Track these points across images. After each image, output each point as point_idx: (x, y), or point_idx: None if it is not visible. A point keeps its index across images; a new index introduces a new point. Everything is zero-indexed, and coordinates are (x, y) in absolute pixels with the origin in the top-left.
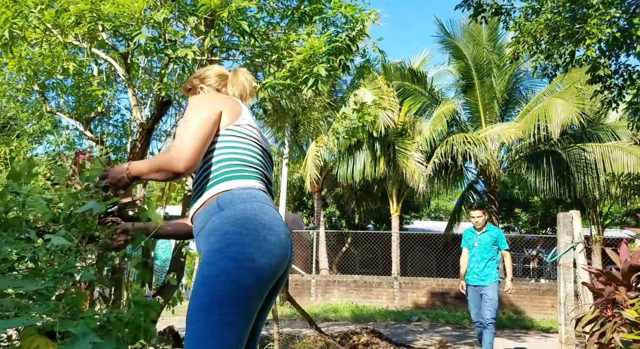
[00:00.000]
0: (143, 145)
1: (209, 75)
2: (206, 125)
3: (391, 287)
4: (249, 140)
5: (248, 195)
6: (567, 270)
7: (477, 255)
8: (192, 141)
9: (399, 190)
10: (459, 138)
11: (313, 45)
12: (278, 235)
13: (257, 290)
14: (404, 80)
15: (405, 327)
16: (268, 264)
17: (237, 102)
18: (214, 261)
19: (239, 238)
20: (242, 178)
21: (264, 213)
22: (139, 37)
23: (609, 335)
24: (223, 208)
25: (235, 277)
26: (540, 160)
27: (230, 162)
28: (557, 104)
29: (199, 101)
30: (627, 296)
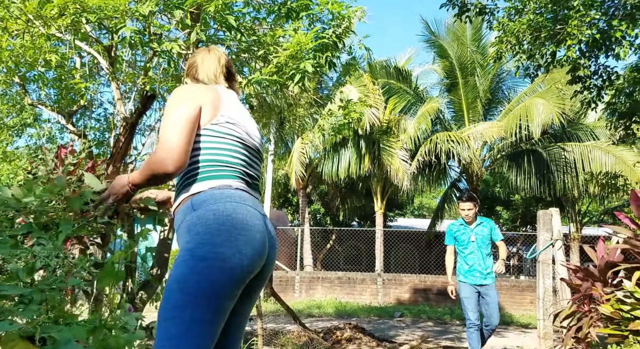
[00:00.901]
0: (127, 139)
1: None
2: (190, 121)
3: (374, 283)
4: (227, 139)
5: (222, 195)
6: (546, 266)
7: (476, 251)
8: (178, 138)
9: (384, 188)
10: (442, 137)
11: (300, 41)
12: (251, 235)
13: (229, 289)
14: (389, 79)
15: (387, 323)
16: (239, 264)
17: (218, 94)
18: (185, 260)
19: (209, 238)
20: (218, 179)
21: (237, 213)
22: (123, 30)
23: (585, 330)
24: (196, 208)
25: (206, 276)
26: (521, 158)
27: (206, 162)
28: (538, 104)
29: (179, 95)
30: (603, 291)
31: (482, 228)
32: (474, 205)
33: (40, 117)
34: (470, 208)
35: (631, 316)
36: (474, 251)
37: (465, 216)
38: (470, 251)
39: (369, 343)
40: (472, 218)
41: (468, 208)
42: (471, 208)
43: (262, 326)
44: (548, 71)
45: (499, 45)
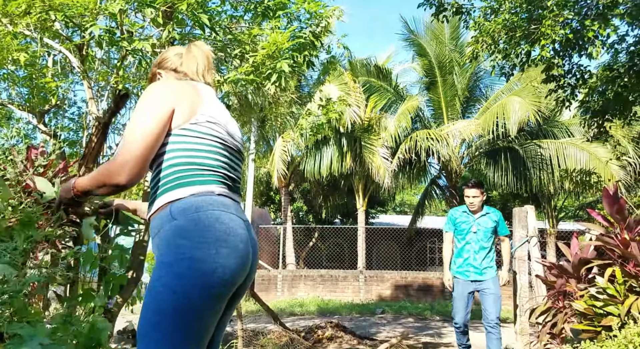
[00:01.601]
0: (99, 139)
1: (166, 57)
2: (155, 128)
3: (357, 281)
4: (208, 139)
5: (203, 202)
6: (522, 263)
7: (474, 243)
8: (137, 149)
9: (365, 185)
10: (422, 135)
11: (276, 40)
12: (234, 246)
13: (210, 306)
14: (369, 77)
15: (369, 320)
16: (221, 279)
17: (198, 90)
18: (162, 275)
19: (188, 252)
20: (198, 184)
21: (219, 222)
22: (92, 29)
23: (560, 325)
24: (175, 217)
25: (183, 295)
26: (498, 156)
27: (185, 166)
28: (514, 102)
29: (149, 96)
30: (577, 288)
31: (486, 220)
32: (481, 193)
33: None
34: (475, 195)
35: (604, 312)
36: (472, 243)
37: (470, 204)
38: (467, 243)
39: (350, 341)
40: (478, 207)
41: (473, 196)
42: (477, 196)
43: (243, 327)
44: (523, 70)
45: (474, 45)
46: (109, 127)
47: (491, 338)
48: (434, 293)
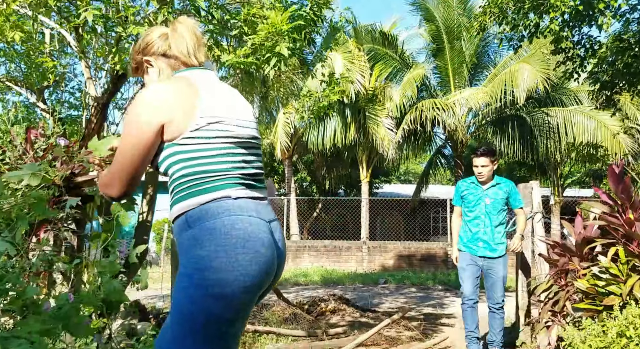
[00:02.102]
0: (99, 120)
1: (150, 42)
2: (140, 148)
3: (360, 251)
4: (215, 143)
5: (218, 209)
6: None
7: (483, 216)
8: (124, 166)
9: (369, 156)
10: (428, 104)
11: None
12: (254, 251)
13: (234, 314)
14: (375, 44)
15: (372, 290)
16: (242, 287)
17: (193, 88)
18: (183, 287)
19: (207, 263)
20: (212, 191)
21: (235, 229)
22: (85, 14)
23: (561, 303)
24: (192, 225)
25: (203, 307)
26: (505, 124)
27: (196, 175)
28: (523, 69)
29: (134, 115)
30: (580, 266)
31: (496, 191)
32: (491, 162)
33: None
34: (484, 164)
35: (606, 291)
36: (481, 217)
37: (479, 174)
38: (476, 216)
39: (353, 314)
40: (487, 177)
41: (482, 165)
42: (486, 165)
43: None
44: (531, 42)
45: (482, 16)
46: (108, 107)
47: (494, 317)
48: (436, 262)
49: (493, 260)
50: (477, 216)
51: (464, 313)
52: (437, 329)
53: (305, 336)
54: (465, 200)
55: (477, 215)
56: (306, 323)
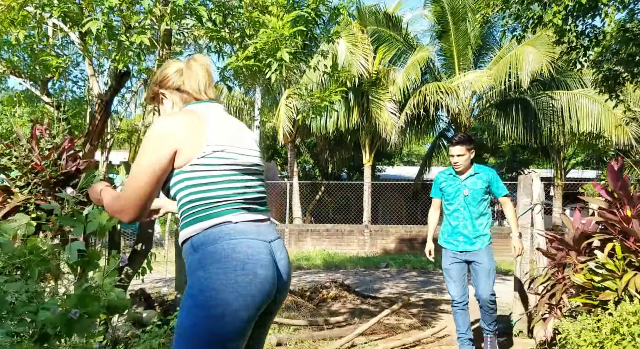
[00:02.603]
0: (102, 116)
1: (167, 76)
2: (153, 174)
3: (362, 235)
4: (219, 170)
5: (220, 233)
6: (523, 230)
7: (462, 208)
8: (135, 196)
9: (372, 140)
10: (431, 88)
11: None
12: (253, 273)
13: (235, 331)
14: (379, 26)
15: (373, 274)
16: (244, 306)
17: (202, 120)
18: (188, 307)
19: (209, 284)
20: (215, 217)
21: (236, 252)
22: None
23: (558, 296)
24: (196, 250)
25: (206, 326)
26: (509, 107)
27: (200, 201)
28: (528, 52)
29: (147, 142)
30: (577, 260)
31: (475, 181)
32: (467, 150)
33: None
34: (460, 153)
35: (602, 286)
36: (460, 210)
37: (455, 164)
38: (456, 209)
39: (354, 301)
40: (464, 166)
41: (458, 154)
42: (462, 154)
43: None
44: (535, 32)
45: (485, 9)
46: (111, 104)
47: (485, 312)
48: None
49: (475, 253)
50: (457, 209)
51: (455, 316)
52: (437, 316)
53: (307, 326)
54: (445, 193)
55: (456, 208)
56: (307, 312)
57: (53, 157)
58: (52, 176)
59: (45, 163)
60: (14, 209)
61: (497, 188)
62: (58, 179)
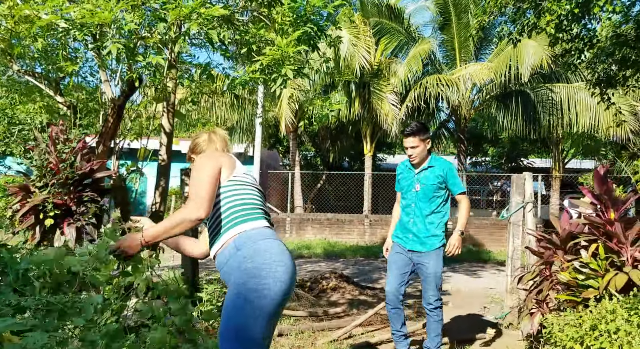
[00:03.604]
0: (115, 120)
1: (197, 144)
2: (213, 178)
3: (362, 224)
4: (247, 186)
5: (258, 234)
6: (516, 227)
7: (414, 205)
8: (206, 192)
9: (373, 131)
10: (432, 80)
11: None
12: (285, 265)
13: (275, 310)
14: (381, 17)
15: (372, 263)
16: (281, 289)
17: (230, 156)
18: (239, 292)
19: (256, 272)
20: (251, 220)
21: (272, 248)
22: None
23: (545, 292)
24: (239, 248)
25: (256, 304)
26: (509, 100)
27: (238, 207)
28: (528, 46)
29: (203, 160)
30: (564, 259)
31: (428, 175)
32: (421, 141)
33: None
34: (414, 145)
35: (585, 284)
36: (412, 205)
37: (409, 156)
38: (408, 204)
39: (352, 292)
40: (420, 158)
41: (411, 146)
42: (416, 146)
43: None
44: (530, 36)
45: (481, 16)
46: (123, 109)
47: (429, 319)
48: None
49: (422, 254)
50: (409, 204)
51: (389, 315)
52: None
53: (307, 317)
54: (401, 186)
55: (408, 203)
56: (308, 303)
57: (70, 159)
58: (68, 176)
59: (63, 165)
60: (33, 207)
61: (453, 185)
62: (74, 179)
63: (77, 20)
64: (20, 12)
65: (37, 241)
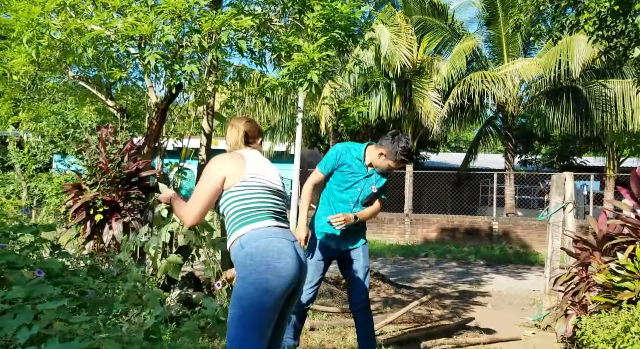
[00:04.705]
0: (159, 123)
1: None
2: (209, 191)
3: (402, 223)
4: (255, 189)
5: (261, 233)
6: (555, 228)
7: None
8: (196, 207)
9: (415, 129)
10: (477, 77)
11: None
12: (285, 261)
13: (272, 303)
14: (424, 14)
15: (412, 263)
16: (278, 284)
17: (242, 158)
18: (241, 286)
19: (256, 268)
20: (255, 222)
21: (272, 246)
22: (149, 58)
23: (581, 294)
24: (244, 246)
25: (254, 296)
26: (560, 96)
27: (244, 210)
28: (579, 41)
29: (205, 171)
30: (601, 260)
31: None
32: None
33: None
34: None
35: (621, 286)
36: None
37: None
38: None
39: (387, 290)
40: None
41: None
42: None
43: None
44: (571, 34)
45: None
46: (166, 112)
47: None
48: (480, 236)
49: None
50: (347, 201)
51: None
52: (469, 308)
53: (339, 313)
54: (340, 175)
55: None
56: (341, 299)
57: (117, 159)
58: (116, 175)
59: (111, 165)
60: (84, 204)
61: (385, 190)
62: (121, 178)
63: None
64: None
65: (88, 235)
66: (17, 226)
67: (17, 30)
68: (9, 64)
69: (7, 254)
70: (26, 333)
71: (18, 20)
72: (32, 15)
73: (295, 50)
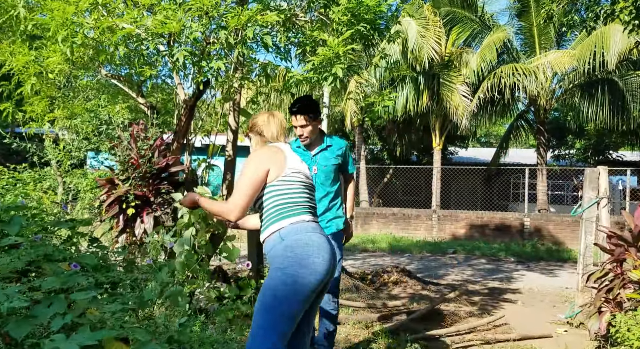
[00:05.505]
0: (187, 119)
1: (256, 123)
2: (254, 184)
3: (430, 219)
4: (294, 184)
5: (300, 228)
6: (589, 224)
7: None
8: (241, 199)
9: (443, 123)
10: (507, 70)
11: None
12: (322, 257)
13: (306, 295)
14: (452, 6)
15: (439, 260)
16: (315, 278)
17: (282, 153)
18: (277, 276)
19: (296, 260)
20: (295, 215)
21: (311, 241)
22: (177, 55)
23: (615, 291)
24: (284, 238)
25: (291, 287)
26: (595, 89)
27: (284, 204)
28: (615, 31)
29: (254, 160)
30: (636, 256)
31: (327, 156)
32: (310, 120)
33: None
34: (303, 123)
35: None
36: None
37: (299, 137)
38: None
39: (414, 286)
40: (310, 139)
41: (300, 125)
42: (305, 125)
43: None
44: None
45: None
46: (194, 109)
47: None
48: (511, 233)
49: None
50: None
51: None
52: (498, 305)
53: (365, 308)
54: None
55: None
56: (367, 295)
57: (148, 155)
58: (147, 171)
59: (142, 160)
60: (117, 198)
61: (350, 164)
62: (152, 173)
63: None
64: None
65: (121, 228)
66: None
67: (52, 29)
68: (45, 63)
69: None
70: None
71: (53, 19)
72: (67, 15)
73: (320, 44)
